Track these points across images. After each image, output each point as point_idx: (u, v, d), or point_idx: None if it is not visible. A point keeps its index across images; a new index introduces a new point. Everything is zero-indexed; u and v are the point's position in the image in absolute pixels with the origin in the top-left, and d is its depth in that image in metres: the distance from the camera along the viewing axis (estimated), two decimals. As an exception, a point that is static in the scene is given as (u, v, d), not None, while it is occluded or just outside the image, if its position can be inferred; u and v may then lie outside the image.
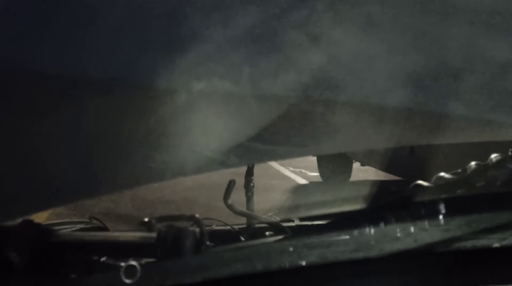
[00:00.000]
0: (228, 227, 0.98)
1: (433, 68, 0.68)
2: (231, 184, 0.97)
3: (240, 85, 0.65)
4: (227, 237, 0.90)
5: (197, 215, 0.70)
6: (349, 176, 5.06)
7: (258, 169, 1.14)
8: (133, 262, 0.56)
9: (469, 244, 0.66)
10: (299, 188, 4.85)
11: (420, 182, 1.17)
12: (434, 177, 1.31)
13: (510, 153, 1.57)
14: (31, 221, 0.70)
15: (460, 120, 0.67)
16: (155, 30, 0.68)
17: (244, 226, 1.06)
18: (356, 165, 4.96)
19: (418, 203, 0.78)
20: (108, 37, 0.67)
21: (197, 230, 0.67)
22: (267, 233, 0.99)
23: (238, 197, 1.04)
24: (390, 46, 0.68)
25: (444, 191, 0.79)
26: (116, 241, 0.68)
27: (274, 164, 5.95)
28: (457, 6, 0.70)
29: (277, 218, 1.08)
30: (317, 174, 5.27)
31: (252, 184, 1.26)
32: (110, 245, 0.67)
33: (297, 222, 1.11)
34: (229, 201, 0.96)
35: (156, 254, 0.65)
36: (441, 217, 0.71)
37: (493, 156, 1.42)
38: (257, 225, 1.06)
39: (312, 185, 4.96)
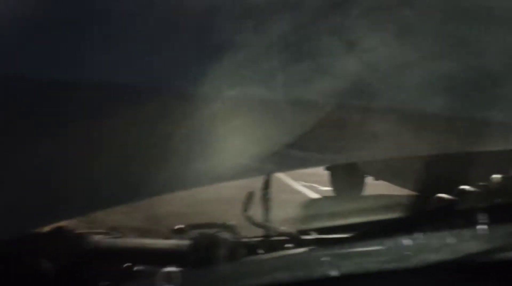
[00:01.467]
0: (249, 239, 0.96)
1: (472, 75, 0.67)
2: (249, 196, 0.97)
3: (275, 92, 0.65)
4: (254, 247, 0.89)
5: (230, 223, 0.69)
6: (362, 190, 5.01)
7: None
8: (172, 269, 0.55)
9: (510, 254, 0.64)
10: (311, 202, 4.81)
11: (441, 195, 1.15)
12: (456, 190, 1.27)
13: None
14: (63, 228, 0.70)
15: (500, 127, 0.66)
16: (189, 37, 0.68)
17: (262, 238, 1.05)
18: (369, 179, 4.90)
19: (457, 212, 0.76)
20: (142, 45, 0.68)
21: (231, 238, 0.66)
22: (286, 245, 0.98)
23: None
24: (427, 52, 0.67)
25: (483, 201, 0.77)
26: (149, 248, 0.67)
27: (285, 178, 5.91)
28: (496, 12, 0.69)
29: (294, 231, 1.07)
30: (329, 188, 5.22)
31: (268, 197, 1.28)
32: (143, 252, 0.66)
33: (314, 235, 1.10)
34: (248, 213, 0.96)
35: (190, 261, 0.64)
36: (481, 227, 0.69)
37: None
38: (276, 238, 1.05)
39: (324, 199, 4.91)
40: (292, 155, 0.63)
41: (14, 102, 0.67)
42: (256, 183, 1.14)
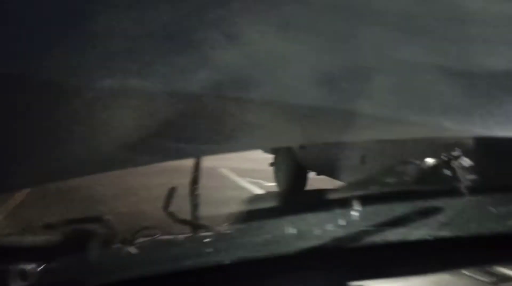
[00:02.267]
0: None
1: (346, 68, 0.69)
2: (171, 192, 0.95)
3: (152, 83, 0.64)
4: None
5: (106, 217, 0.68)
6: (305, 185, 5.10)
7: (213, 180, 1.15)
8: (29, 266, 0.53)
9: (379, 238, 0.67)
10: (255, 198, 4.84)
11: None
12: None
13: (443, 158, 1.64)
14: None
15: (371, 119, 0.68)
16: (66, 26, 0.66)
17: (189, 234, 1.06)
18: (312, 174, 4.99)
19: (332, 201, 0.79)
20: (16, 33, 0.65)
21: (106, 231, 0.65)
22: (206, 240, 0.98)
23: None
24: (305, 46, 0.69)
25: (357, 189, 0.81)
26: (15, 245, 0.65)
27: (231, 175, 5.93)
28: (371, 8, 0.72)
29: (226, 227, 1.08)
30: (273, 184, 5.27)
31: (197, 192, 1.26)
32: (9, 249, 0.64)
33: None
34: (170, 209, 0.95)
35: (57, 257, 0.62)
36: (353, 214, 0.73)
37: (428, 159, 1.48)
38: (202, 233, 1.07)
39: (267, 195, 4.97)
40: (167, 146, 0.63)
41: None
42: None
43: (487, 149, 1.60)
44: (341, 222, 0.75)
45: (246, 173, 5.98)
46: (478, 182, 1.49)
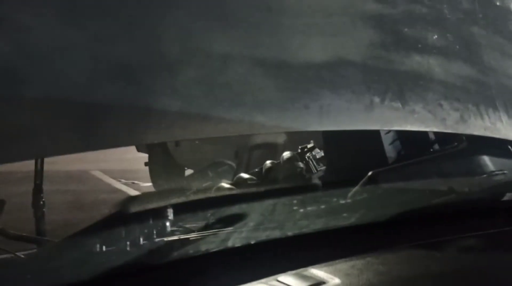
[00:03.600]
0: None
1: (145, 59, 0.61)
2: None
3: None
4: None
5: None
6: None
7: (84, 184, 1.08)
8: None
9: None
10: (130, 200, 4.62)
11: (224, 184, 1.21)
12: (236, 177, 1.34)
13: (299, 150, 1.65)
14: None
15: (177, 116, 0.61)
16: None
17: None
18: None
19: None
20: None
21: None
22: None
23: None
24: (92, 33, 0.58)
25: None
26: None
27: (105, 178, 5.61)
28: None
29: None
30: (149, 184, 5.09)
31: (42, 202, 1.23)
32: None
33: None
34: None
35: None
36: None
37: (284, 154, 1.49)
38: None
39: (144, 196, 4.77)
40: None
41: None
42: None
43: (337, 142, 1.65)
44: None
45: (121, 174, 5.70)
46: (327, 174, 1.53)
